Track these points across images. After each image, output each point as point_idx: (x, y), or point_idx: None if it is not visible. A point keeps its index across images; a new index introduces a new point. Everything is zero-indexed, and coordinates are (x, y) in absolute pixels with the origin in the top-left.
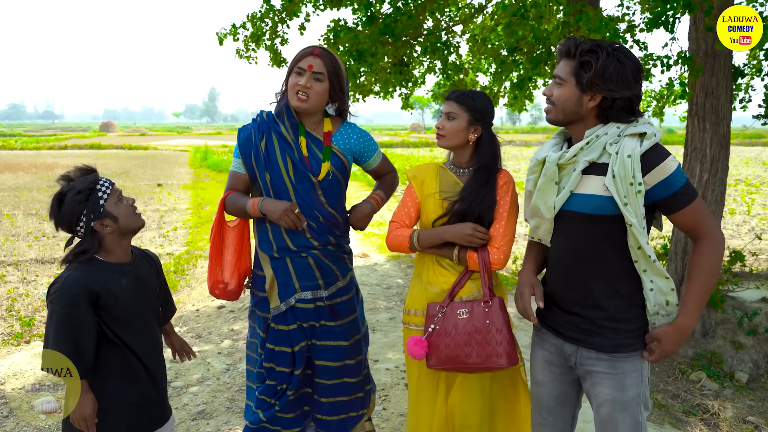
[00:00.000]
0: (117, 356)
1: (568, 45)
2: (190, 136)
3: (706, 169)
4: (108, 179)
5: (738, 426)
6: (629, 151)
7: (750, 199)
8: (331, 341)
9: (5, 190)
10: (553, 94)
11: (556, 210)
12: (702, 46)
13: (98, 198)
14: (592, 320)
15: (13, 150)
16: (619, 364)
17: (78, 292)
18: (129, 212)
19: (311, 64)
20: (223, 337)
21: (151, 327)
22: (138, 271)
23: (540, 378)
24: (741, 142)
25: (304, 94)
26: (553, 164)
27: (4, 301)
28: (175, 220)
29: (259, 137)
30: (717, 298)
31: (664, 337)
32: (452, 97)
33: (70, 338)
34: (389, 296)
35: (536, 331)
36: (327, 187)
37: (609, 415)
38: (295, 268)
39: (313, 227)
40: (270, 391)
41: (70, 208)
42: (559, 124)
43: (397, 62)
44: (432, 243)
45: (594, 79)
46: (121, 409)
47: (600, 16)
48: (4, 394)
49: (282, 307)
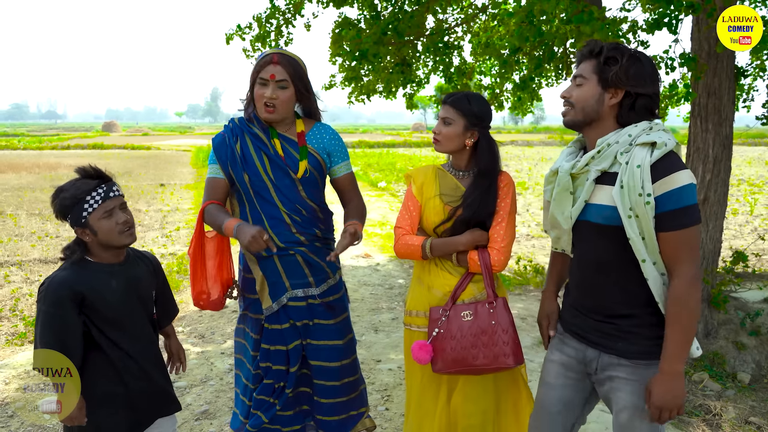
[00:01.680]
0: (106, 356)
1: (592, 45)
2: (193, 136)
3: (709, 170)
4: (108, 191)
5: (740, 427)
6: (639, 161)
7: (753, 200)
8: (327, 341)
9: (8, 190)
10: (572, 95)
11: (573, 220)
12: (705, 46)
13: (82, 209)
14: (616, 326)
15: (16, 150)
16: (641, 371)
17: (62, 293)
18: (112, 230)
19: (273, 74)
20: (226, 337)
21: (143, 327)
22: (130, 272)
23: (552, 380)
24: (744, 141)
25: (270, 105)
26: (566, 174)
27: (7, 301)
28: (177, 220)
29: (234, 140)
30: (719, 299)
31: (654, 388)
32: (448, 102)
33: (56, 338)
34: (391, 297)
35: (558, 334)
36: (306, 184)
37: (628, 422)
38: (284, 267)
39: (297, 221)
40: (268, 390)
41: (59, 207)
42: (576, 126)
43: (400, 62)
44: (445, 253)
45: (618, 73)
46: (113, 408)
47: (603, 16)
48: (8, 393)
49: (274, 306)
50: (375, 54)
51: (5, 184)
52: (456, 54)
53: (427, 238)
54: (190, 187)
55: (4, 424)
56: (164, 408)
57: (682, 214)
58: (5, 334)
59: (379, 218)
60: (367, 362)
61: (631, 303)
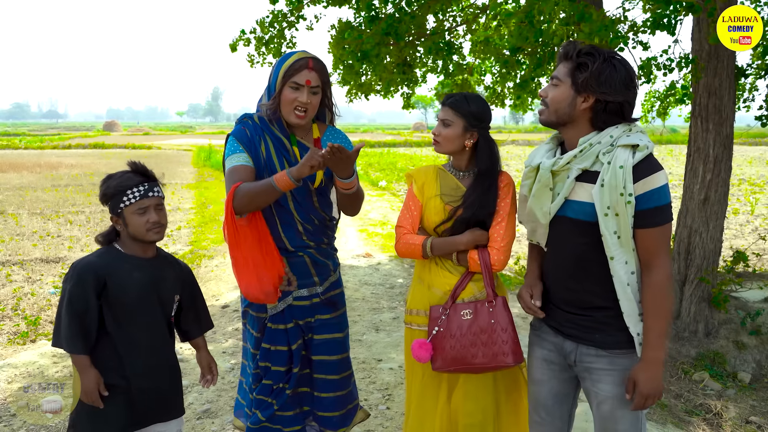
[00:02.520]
0: (114, 346)
1: (567, 48)
2: (194, 136)
3: (710, 170)
4: (148, 190)
5: (741, 426)
6: (621, 162)
7: (753, 199)
8: (328, 334)
9: (10, 189)
10: (548, 95)
11: (551, 215)
12: (705, 46)
13: (120, 201)
14: (593, 318)
15: (17, 149)
16: (619, 360)
17: (86, 276)
18: (141, 226)
19: (309, 80)
20: (228, 336)
21: (158, 327)
22: (156, 271)
23: (538, 377)
24: (744, 141)
25: (302, 110)
26: (547, 171)
27: (9, 300)
28: (178, 219)
29: (258, 141)
30: (720, 298)
31: (639, 376)
32: (447, 103)
33: (77, 316)
34: (392, 296)
35: (534, 330)
36: (320, 194)
37: (610, 412)
38: (292, 267)
39: (309, 230)
40: (267, 390)
41: (103, 193)
42: (551, 126)
43: (401, 62)
44: (445, 252)
45: (589, 80)
46: (112, 398)
47: (603, 17)
48: (10, 392)
49: (280, 306)
50: (377, 54)
51: (7, 183)
52: (456, 54)
53: (427, 237)
54: (191, 186)
55: (6, 423)
56: (165, 413)
57: (660, 212)
58: (7, 333)
59: (379, 218)
60: (368, 361)
61: (606, 295)
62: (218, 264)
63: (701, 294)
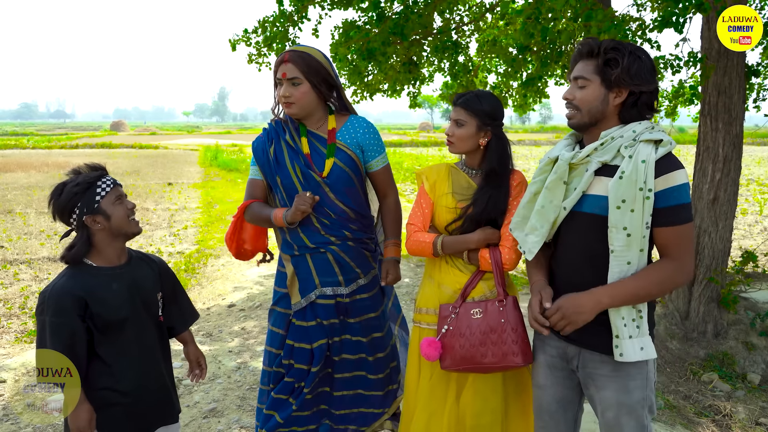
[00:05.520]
0: (104, 363)
1: (590, 45)
2: (200, 136)
3: (719, 169)
4: (114, 179)
5: (750, 428)
6: (644, 156)
7: (762, 199)
8: (349, 335)
9: (18, 188)
10: (575, 97)
11: (568, 210)
12: (714, 45)
13: (95, 194)
14: (595, 319)
15: (25, 149)
16: (623, 366)
17: (64, 301)
18: (124, 215)
19: (284, 72)
20: (234, 335)
21: (147, 331)
22: (132, 275)
23: (542, 381)
24: (753, 141)
25: (287, 102)
26: (566, 163)
27: (17, 299)
28: (185, 218)
29: (269, 144)
30: (729, 299)
31: (569, 298)
32: (459, 103)
33: (66, 347)
34: (399, 295)
35: (537, 334)
36: (333, 183)
37: (614, 419)
38: (315, 264)
39: (326, 224)
40: (287, 388)
41: (67, 199)
42: (583, 128)
43: (407, 61)
44: (456, 251)
45: (621, 75)
46: (111, 416)
47: (611, 16)
48: (18, 390)
49: (303, 302)
50: (383, 53)
51: (15, 182)
52: (462, 53)
53: (438, 235)
54: (198, 186)
55: (13, 421)
56: (167, 417)
57: (681, 209)
58: (15, 331)
59: None
60: None
61: None
62: (225, 263)
63: (710, 294)
